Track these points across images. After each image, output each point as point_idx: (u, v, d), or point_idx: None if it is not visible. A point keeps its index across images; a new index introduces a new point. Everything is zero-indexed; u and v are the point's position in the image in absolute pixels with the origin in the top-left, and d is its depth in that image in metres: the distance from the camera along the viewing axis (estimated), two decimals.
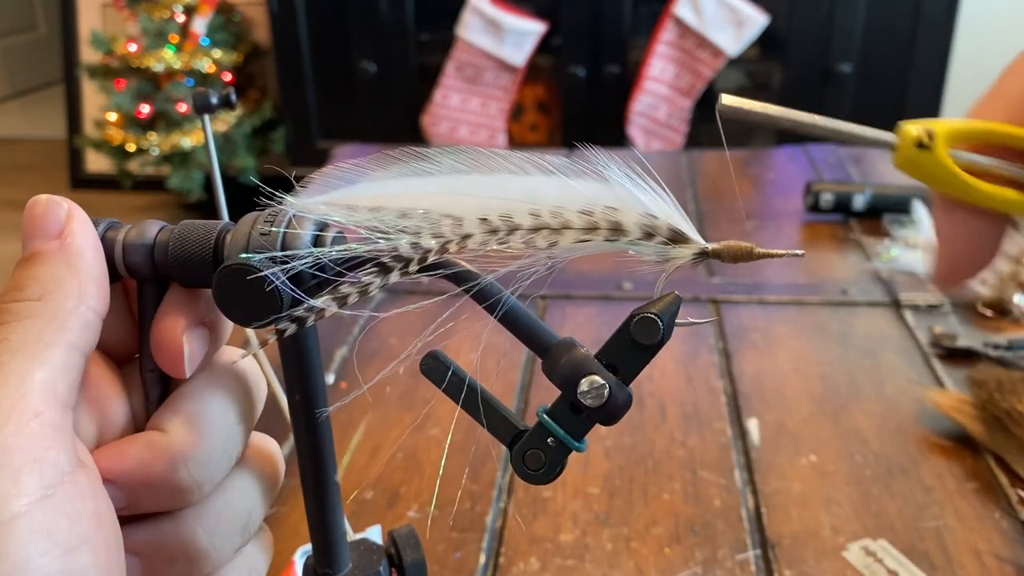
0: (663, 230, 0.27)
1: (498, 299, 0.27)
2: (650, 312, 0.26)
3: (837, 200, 1.06)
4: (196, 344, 0.28)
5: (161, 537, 0.28)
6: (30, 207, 0.27)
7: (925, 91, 2.48)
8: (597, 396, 0.26)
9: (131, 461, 0.27)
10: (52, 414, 0.24)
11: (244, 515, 0.29)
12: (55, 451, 0.23)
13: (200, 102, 0.42)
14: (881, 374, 0.75)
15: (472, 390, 0.28)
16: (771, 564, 0.55)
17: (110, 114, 2.64)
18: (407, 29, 2.61)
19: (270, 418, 0.44)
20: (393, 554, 0.37)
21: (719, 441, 0.67)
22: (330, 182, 0.28)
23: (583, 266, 0.94)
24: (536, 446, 0.27)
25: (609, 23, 2.53)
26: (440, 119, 2.59)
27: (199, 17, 2.62)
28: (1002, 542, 0.56)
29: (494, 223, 0.27)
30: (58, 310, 0.25)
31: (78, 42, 2.99)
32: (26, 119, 4.12)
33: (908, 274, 0.91)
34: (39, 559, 0.22)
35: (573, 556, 0.56)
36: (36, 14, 4.47)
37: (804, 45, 2.48)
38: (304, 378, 0.31)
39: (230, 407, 0.29)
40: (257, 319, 0.26)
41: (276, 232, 0.27)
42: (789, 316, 0.86)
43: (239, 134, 2.68)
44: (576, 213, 0.26)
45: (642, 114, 2.51)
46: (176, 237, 0.28)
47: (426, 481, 0.63)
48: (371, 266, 0.26)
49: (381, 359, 0.78)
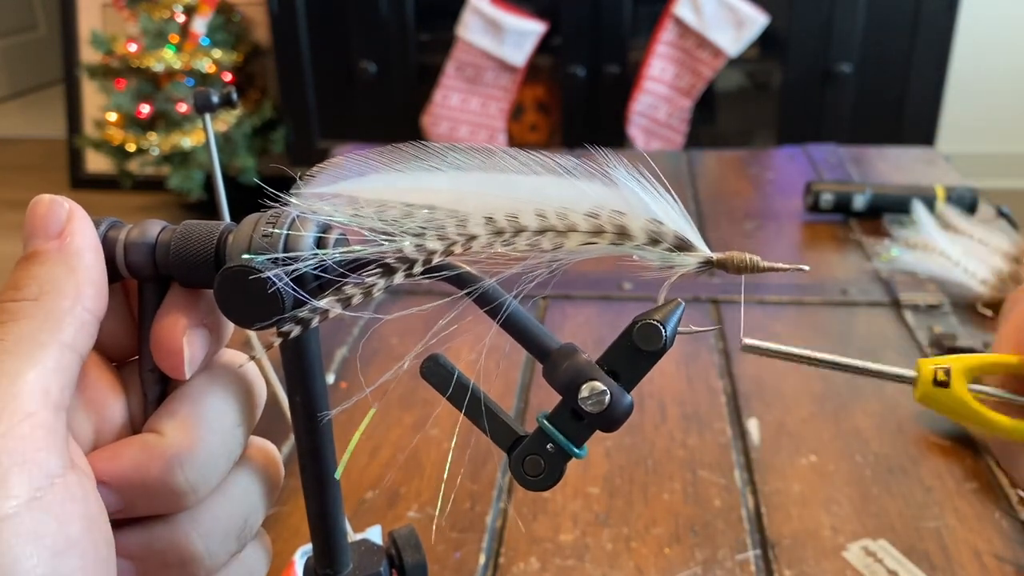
0: (669, 237, 0.27)
1: (500, 303, 0.27)
2: (653, 319, 0.26)
3: (837, 200, 1.06)
4: (196, 345, 0.28)
5: (155, 541, 0.27)
6: (32, 207, 0.27)
7: (925, 91, 2.48)
8: (598, 402, 0.26)
9: (127, 464, 0.26)
10: (44, 415, 0.23)
11: (241, 519, 0.29)
12: (45, 453, 0.23)
13: (201, 101, 0.42)
14: None
15: (472, 395, 0.28)
16: (771, 564, 0.55)
17: (110, 114, 2.64)
18: (407, 29, 2.61)
19: (271, 419, 0.44)
20: (393, 555, 0.37)
21: (719, 441, 0.67)
22: (333, 175, 0.27)
23: (584, 266, 0.94)
24: (535, 452, 0.27)
25: (609, 23, 2.53)
26: (440, 119, 2.59)
27: (199, 17, 2.62)
28: (1002, 542, 0.56)
29: (500, 224, 0.26)
30: (54, 310, 0.25)
31: (78, 42, 2.99)
32: (26, 119, 4.12)
33: (908, 274, 0.91)
34: (26, 562, 0.22)
35: (573, 556, 0.56)
36: (36, 14, 4.46)
37: (804, 45, 2.48)
38: (305, 379, 0.31)
39: (229, 409, 0.29)
40: (259, 321, 0.26)
41: (278, 233, 0.27)
42: (789, 316, 0.86)
43: (239, 134, 2.68)
44: (582, 216, 0.26)
45: (642, 114, 2.51)
46: (178, 237, 0.28)
47: (426, 481, 0.63)
48: (375, 267, 0.26)
49: (382, 359, 0.78)
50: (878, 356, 0.78)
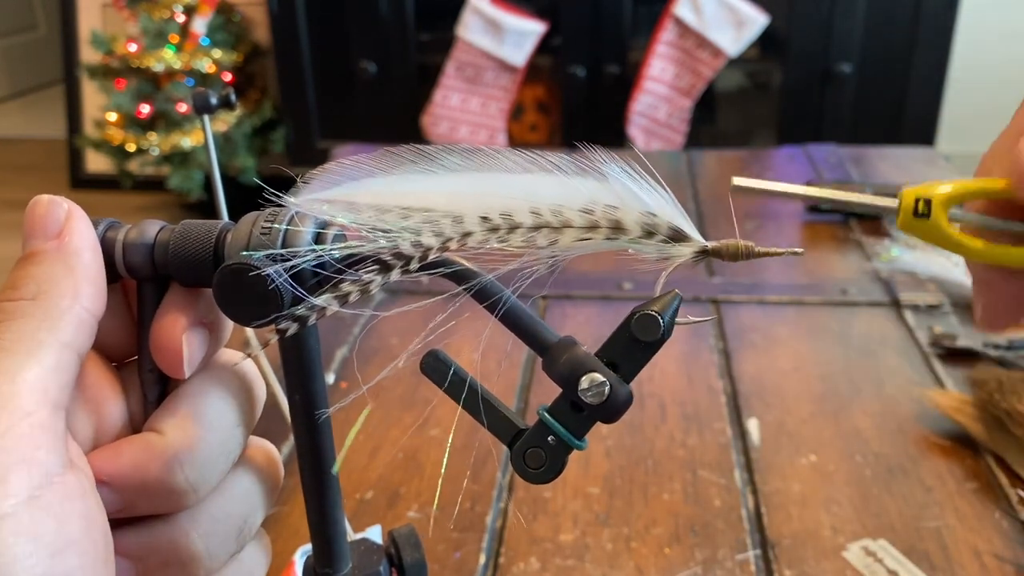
0: (663, 228, 0.27)
1: (498, 298, 0.27)
2: (651, 309, 0.26)
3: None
4: (196, 344, 0.28)
5: (154, 540, 0.27)
6: (31, 207, 0.27)
7: (925, 91, 2.48)
8: (598, 394, 0.26)
9: (126, 463, 0.26)
10: (42, 414, 0.23)
11: (240, 519, 0.29)
12: (44, 452, 0.23)
13: (200, 102, 0.42)
14: (881, 374, 0.75)
15: (472, 389, 0.28)
16: (771, 564, 0.55)
17: (110, 114, 2.64)
18: (407, 29, 2.61)
19: (270, 418, 0.44)
20: (393, 554, 0.37)
21: (719, 441, 0.67)
22: (331, 179, 0.27)
23: (583, 266, 0.94)
24: (537, 444, 0.27)
25: (609, 23, 2.53)
26: (440, 119, 2.59)
27: (199, 17, 2.62)
28: (1002, 542, 0.56)
29: (495, 221, 0.27)
30: (52, 310, 0.25)
31: (78, 42, 2.99)
32: (26, 119, 4.12)
33: (908, 274, 0.91)
34: (24, 561, 0.22)
35: (573, 556, 0.56)
36: (36, 14, 4.47)
37: (804, 45, 2.48)
38: (304, 378, 0.31)
39: (229, 409, 0.29)
40: (258, 319, 0.26)
41: (277, 231, 0.27)
42: (789, 316, 0.86)
43: (239, 134, 2.68)
44: (577, 211, 0.26)
45: (642, 114, 2.51)
46: (177, 236, 0.28)
47: (426, 481, 0.63)
48: (372, 264, 0.26)
49: (381, 358, 0.78)
50: (878, 356, 0.78)
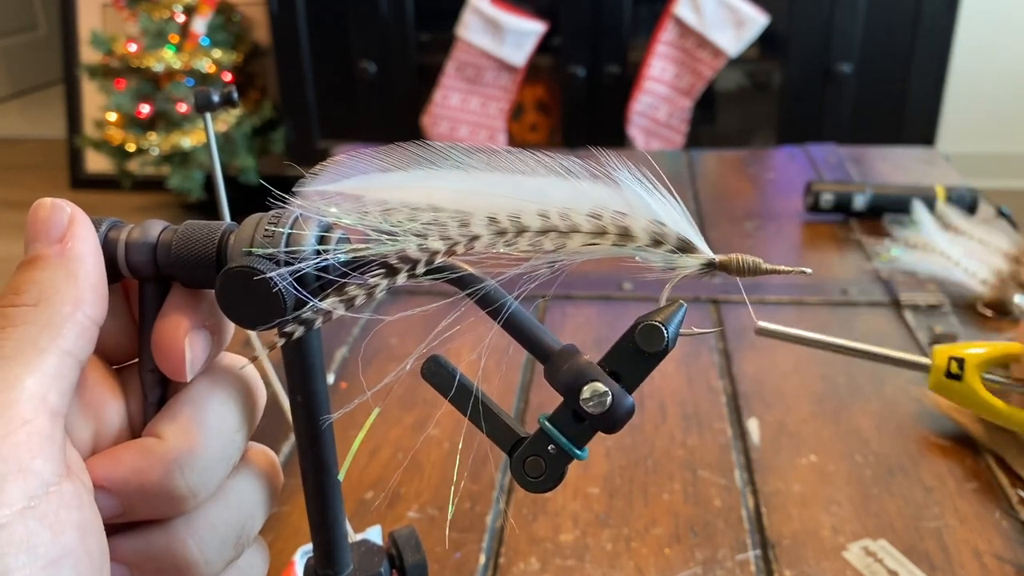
0: (671, 238, 0.27)
1: (502, 304, 0.27)
2: (655, 320, 0.26)
3: (837, 200, 1.06)
4: (198, 347, 0.28)
5: (150, 547, 0.27)
6: (34, 210, 0.27)
7: (925, 91, 2.48)
8: (599, 403, 0.26)
9: (126, 468, 0.26)
10: (41, 422, 0.23)
11: (238, 525, 0.29)
12: (41, 460, 0.23)
13: (202, 101, 0.42)
14: (881, 374, 0.75)
15: (473, 396, 0.28)
16: (771, 564, 0.55)
17: (110, 114, 2.64)
18: (407, 29, 2.61)
19: (271, 419, 0.44)
20: (394, 555, 0.37)
21: (719, 441, 0.67)
22: (335, 177, 0.27)
23: (584, 266, 0.94)
24: (537, 453, 0.27)
25: (609, 23, 2.53)
26: (440, 119, 2.59)
27: (199, 17, 2.62)
28: (1002, 542, 0.56)
29: (502, 224, 0.26)
30: (54, 316, 0.25)
31: (78, 42, 2.99)
32: (26, 119, 4.12)
33: (908, 274, 0.91)
34: (17, 572, 0.21)
35: (573, 556, 0.56)
36: (36, 14, 4.47)
37: (804, 45, 2.48)
38: (307, 379, 0.31)
39: (230, 413, 0.29)
40: (261, 322, 0.26)
41: (280, 232, 0.27)
42: (789, 316, 0.86)
43: (239, 134, 2.68)
44: (585, 216, 0.26)
45: (642, 114, 2.51)
46: (179, 237, 0.28)
47: (426, 481, 0.63)
48: (377, 267, 0.26)
49: (382, 359, 0.78)
50: None
